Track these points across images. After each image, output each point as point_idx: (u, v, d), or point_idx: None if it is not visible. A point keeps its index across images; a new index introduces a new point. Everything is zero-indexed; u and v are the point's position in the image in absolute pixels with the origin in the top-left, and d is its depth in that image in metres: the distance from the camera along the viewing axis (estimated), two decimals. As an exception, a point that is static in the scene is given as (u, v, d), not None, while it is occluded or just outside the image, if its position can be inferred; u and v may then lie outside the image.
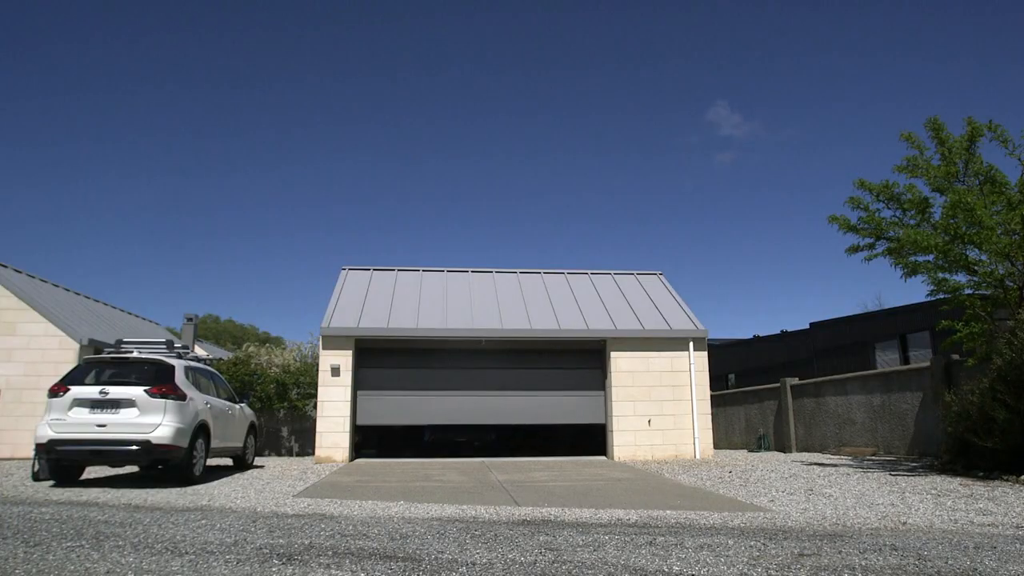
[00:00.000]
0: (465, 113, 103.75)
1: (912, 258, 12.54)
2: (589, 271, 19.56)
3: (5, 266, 17.51)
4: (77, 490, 9.18)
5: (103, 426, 9.45)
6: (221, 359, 18.92)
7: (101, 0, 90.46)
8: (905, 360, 22.04)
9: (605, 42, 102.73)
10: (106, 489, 9.29)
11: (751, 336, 33.43)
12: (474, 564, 4.53)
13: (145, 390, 9.66)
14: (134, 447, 9.43)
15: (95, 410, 9.53)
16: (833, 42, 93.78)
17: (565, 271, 19.49)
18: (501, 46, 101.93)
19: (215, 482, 10.32)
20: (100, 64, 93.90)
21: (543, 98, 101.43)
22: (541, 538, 5.56)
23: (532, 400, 16.07)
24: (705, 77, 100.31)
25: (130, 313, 24.22)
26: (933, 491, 8.95)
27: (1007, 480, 9.91)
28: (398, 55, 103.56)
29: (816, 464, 13.48)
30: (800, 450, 17.95)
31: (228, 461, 13.20)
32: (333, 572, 4.26)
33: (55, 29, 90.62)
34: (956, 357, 13.56)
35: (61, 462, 9.70)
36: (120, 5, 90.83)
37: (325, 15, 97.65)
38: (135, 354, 10.70)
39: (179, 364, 10.48)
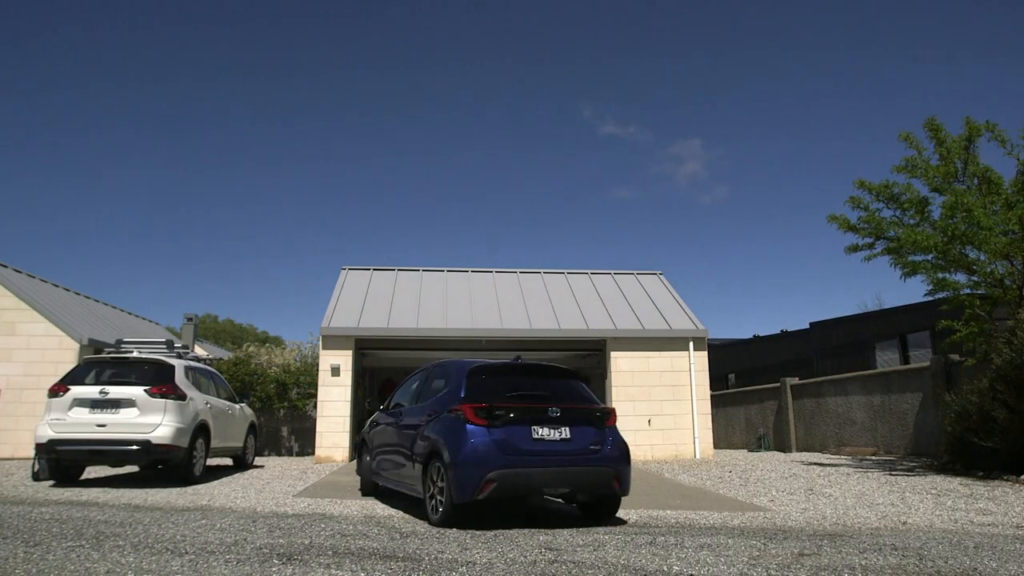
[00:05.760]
0: (465, 111, 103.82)
1: (911, 258, 12.56)
2: (589, 271, 19.55)
3: (5, 266, 17.50)
4: (77, 490, 9.18)
5: (103, 426, 9.45)
6: (221, 359, 18.91)
7: None
8: (905, 360, 22.03)
9: (604, 36, 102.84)
10: (106, 489, 9.29)
11: (751, 336, 33.43)
12: (474, 564, 4.53)
13: (145, 390, 9.66)
14: (134, 447, 9.43)
15: (95, 410, 9.53)
16: (834, 41, 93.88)
17: (565, 271, 19.48)
18: (502, 44, 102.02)
19: (215, 482, 10.32)
20: (99, 62, 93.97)
21: (543, 96, 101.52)
22: (541, 538, 5.56)
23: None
24: (705, 75, 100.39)
25: (130, 313, 24.19)
26: (933, 491, 8.96)
27: (1007, 480, 9.91)
28: (397, 53, 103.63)
29: (816, 464, 13.49)
30: (800, 450, 17.95)
31: (228, 461, 13.20)
32: (333, 572, 4.26)
33: (54, 23, 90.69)
34: (956, 357, 13.56)
35: (61, 462, 9.69)
36: None
37: (325, 12, 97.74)
38: (135, 354, 10.70)
39: (179, 364, 10.48)
